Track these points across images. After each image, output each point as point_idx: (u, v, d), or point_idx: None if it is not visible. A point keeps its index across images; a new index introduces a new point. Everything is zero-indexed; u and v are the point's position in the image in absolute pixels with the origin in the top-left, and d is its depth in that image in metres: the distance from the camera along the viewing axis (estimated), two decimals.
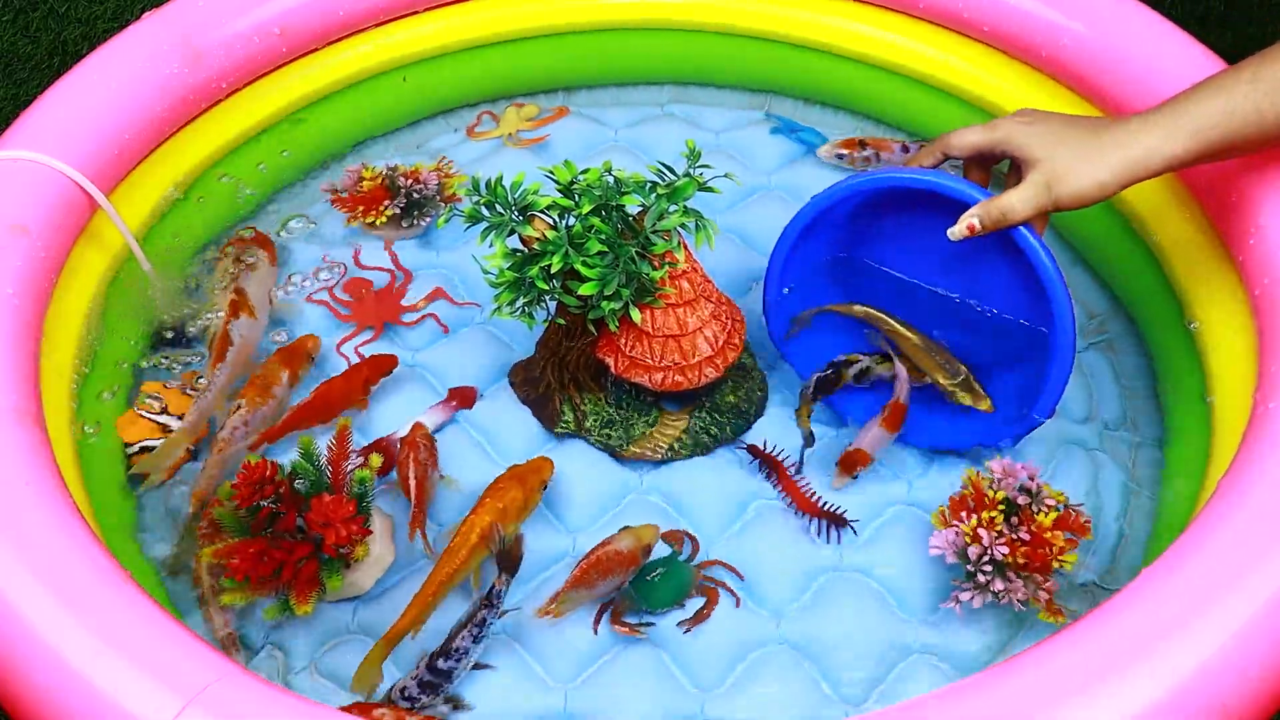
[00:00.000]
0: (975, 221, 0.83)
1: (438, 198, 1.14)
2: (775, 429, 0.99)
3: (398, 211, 1.12)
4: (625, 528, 0.88)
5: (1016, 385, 0.93)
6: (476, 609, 0.80)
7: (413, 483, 0.90)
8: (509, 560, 0.81)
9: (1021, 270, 0.87)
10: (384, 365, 1.01)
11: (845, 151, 1.18)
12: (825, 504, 0.93)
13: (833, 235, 0.97)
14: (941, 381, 0.93)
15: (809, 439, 0.96)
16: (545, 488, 0.92)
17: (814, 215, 0.92)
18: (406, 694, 0.79)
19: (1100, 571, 0.91)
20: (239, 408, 0.97)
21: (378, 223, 1.12)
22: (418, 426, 0.95)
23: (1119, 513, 0.95)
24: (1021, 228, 0.83)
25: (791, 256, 0.95)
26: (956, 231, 0.84)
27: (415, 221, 1.13)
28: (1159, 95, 0.84)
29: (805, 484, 0.94)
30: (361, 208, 1.13)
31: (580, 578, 0.84)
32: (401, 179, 1.13)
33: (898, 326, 0.95)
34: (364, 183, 1.14)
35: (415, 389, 1.02)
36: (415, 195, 1.13)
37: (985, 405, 0.92)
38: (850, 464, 0.93)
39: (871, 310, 0.97)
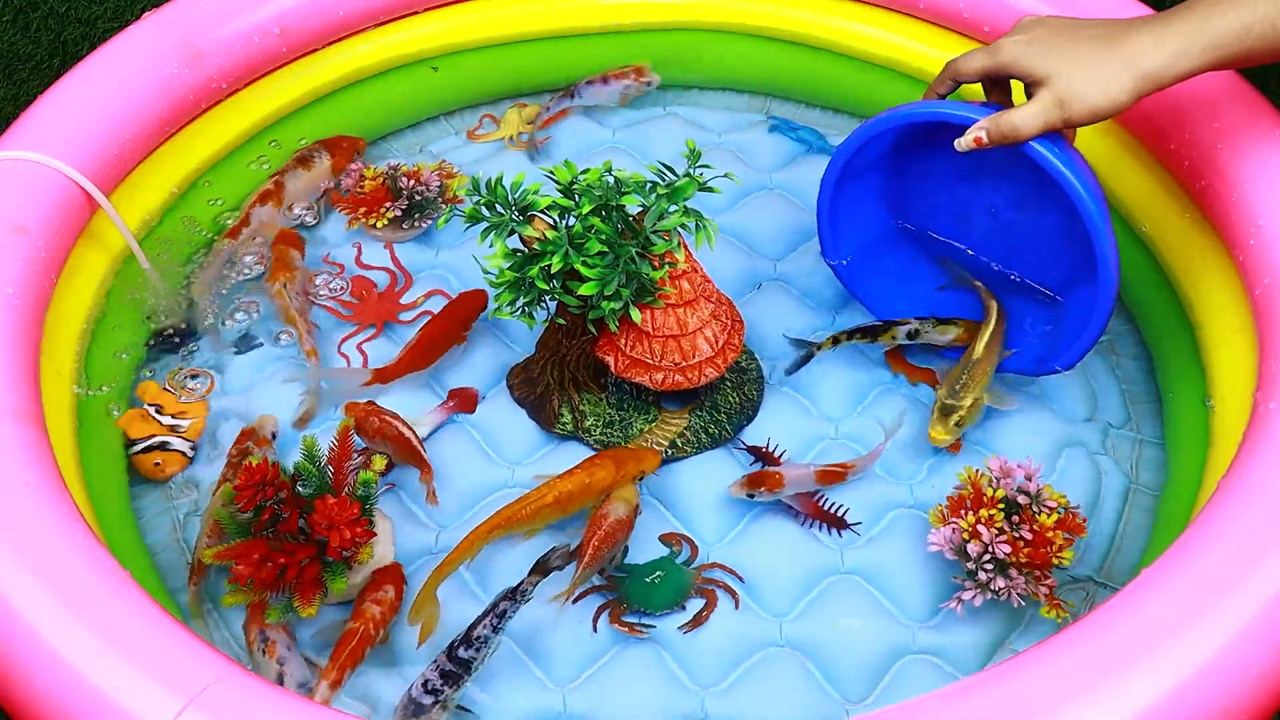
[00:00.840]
0: (982, 134, 0.83)
1: (439, 199, 1.14)
2: (775, 428, 0.99)
3: (399, 214, 1.12)
4: (608, 495, 0.88)
5: (1049, 323, 0.98)
6: (499, 600, 0.81)
7: (408, 432, 0.92)
8: (544, 568, 0.82)
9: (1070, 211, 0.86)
10: (475, 301, 1.03)
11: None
12: (827, 505, 0.93)
13: (881, 175, 1.01)
14: (940, 388, 0.95)
15: (808, 352, 1.00)
16: (641, 479, 0.91)
17: (841, 167, 0.94)
18: (429, 686, 0.79)
19: (1100, 571, 0.91)
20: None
21: (379, 225, 1.12)
22: (351, 406, 0.96)
23: (1120, 512, 0.95)
24: (1033, 142, 0.82)
25: (835, 211, 0.98)
26: (963, 143, 0.84)
27: (416, 223, 1.13)
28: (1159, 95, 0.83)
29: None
30: (363, 209, 1.13)
31: (595, 556, 0.84)
32: (403, 179, 1.13)
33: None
34: (366, 183, 1.14)
35: (415, 390, 1.02)
36: (417, 197, 1.13)
37: (937, 435, 0.92)
38: (756, 483, 0.90)
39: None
